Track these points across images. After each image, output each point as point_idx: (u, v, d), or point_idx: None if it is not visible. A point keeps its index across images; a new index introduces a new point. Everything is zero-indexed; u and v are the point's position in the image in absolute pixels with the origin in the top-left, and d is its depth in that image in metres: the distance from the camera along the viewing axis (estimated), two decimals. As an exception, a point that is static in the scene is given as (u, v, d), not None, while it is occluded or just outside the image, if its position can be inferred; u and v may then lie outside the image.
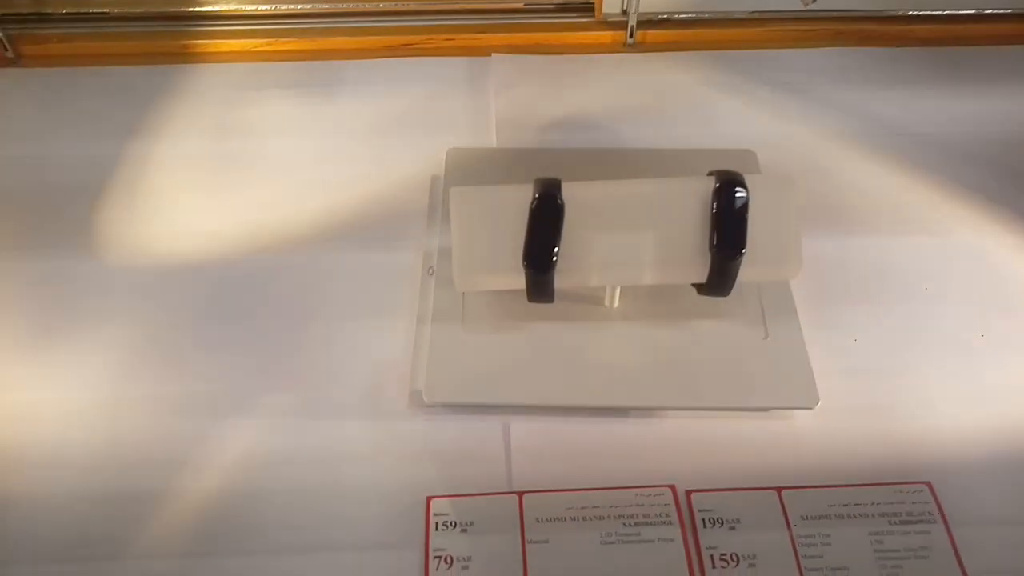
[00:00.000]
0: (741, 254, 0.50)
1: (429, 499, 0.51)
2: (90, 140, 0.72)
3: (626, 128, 0.73)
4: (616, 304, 0.58)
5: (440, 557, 0.49)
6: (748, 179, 0.51)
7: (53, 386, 0.56)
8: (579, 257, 0.52)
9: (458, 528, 0.50)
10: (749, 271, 0.51)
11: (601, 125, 0.74)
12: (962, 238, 0.65)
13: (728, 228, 0.50)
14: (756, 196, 0.51)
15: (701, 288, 0.53)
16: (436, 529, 0.50)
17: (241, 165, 0.70)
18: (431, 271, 0.61)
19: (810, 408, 0.54)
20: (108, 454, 0.53)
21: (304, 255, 0.64)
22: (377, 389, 0.56)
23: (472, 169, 0.67)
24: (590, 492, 0.52)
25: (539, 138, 0.73)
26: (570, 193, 0.52)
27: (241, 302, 0.61)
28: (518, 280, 0.52)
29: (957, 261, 0.64)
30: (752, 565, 0.49)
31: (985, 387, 0.56)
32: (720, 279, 0.51)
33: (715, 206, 0.50)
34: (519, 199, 0.52)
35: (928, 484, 0.52)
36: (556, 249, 0.51)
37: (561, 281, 0.52)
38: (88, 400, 0.56)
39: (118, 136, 0.72)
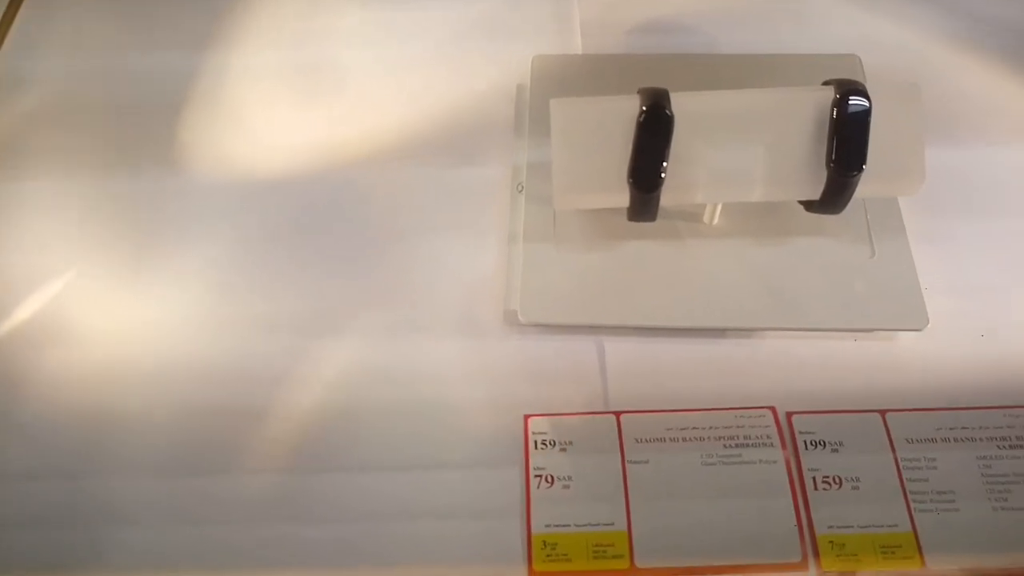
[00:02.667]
0: (860, 170, 0.47)
1: (527, 418, 0.51)
2: (167, 51, 0.71)
3: (719, 31, 0.69)
4: (716, 221, 0.56)
5: (541, 476, 0.49)
6: (870, 88, 0.48)
7: (152, 306, 0.57)
8: (686, 174, 0.49)
9: (557, 447, 0.50)
10: (866, 187, 0.48)
11: (691, 28, 0.70)
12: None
13: (848, 143, 0.47)
14: (878, 106, 0.47)
15: (811, 205, 0.51)
16: (535, 448, 0.50)
17: (320, 76, 0.68)
18: (520, 187, 0.60)
19: (919, 330, 0.52)
20: (209, 372, 0.54)
21: (387, 169, 0.62)
22: (470, 308, 0.56)
23: (559, 77, 0.64)
24: (689, 413, 0.51)
25: (626, 43, 0.69)
26: (678, 104, 0.49)
27: (326, 218, 0.60)
28: (621, 198, 0.50)
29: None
30: (855, 487, 0.48)
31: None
32: (836, 196, 0.49)
33: (834, 118, 0.47)
34: (625, 111, 0.49)
35: (1040, 408, 0.50)
36: (664, 166, 0.48)
37: (666, 199, 0.50)
38: (187, 318, 0.56)
39: (195, 47, 0.70)
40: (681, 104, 0.49)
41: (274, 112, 0.67)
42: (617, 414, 0.51)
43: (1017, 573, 0.46)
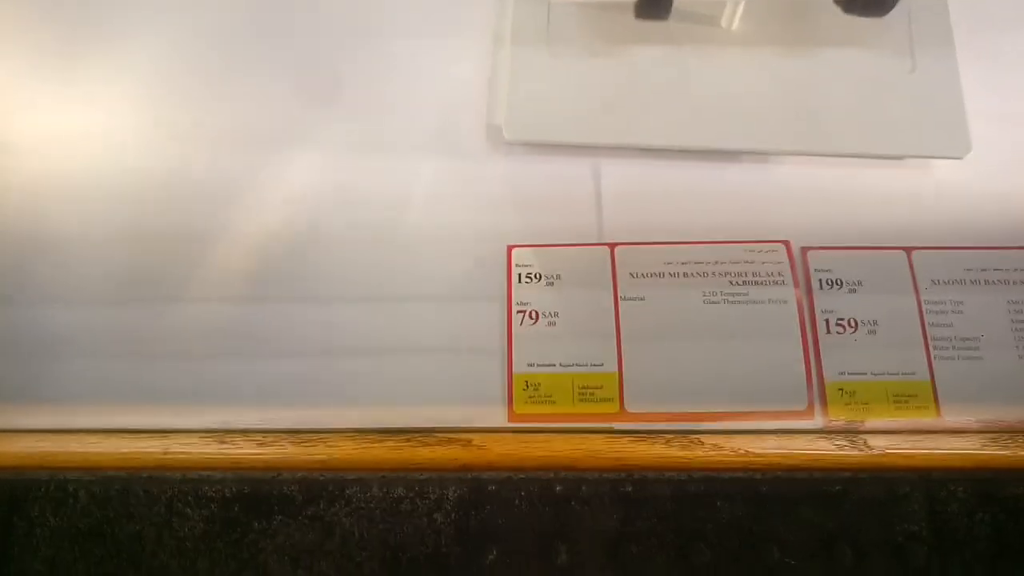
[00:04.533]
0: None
1: (511, 248, 0.46)
2: None
3: None
4: (736, 25, 0.48)
5: (524, 311, 0.44)
6: None
7: (90, 110, 0.49)
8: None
9: (543, 281, 0.45)
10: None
11: None
12: None
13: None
14: None
15: (851, 5, 0.43)
16: (519, 281, 0.45)
17: None
18: (509, -23, 0.51)
19: (959, 158, 0.45)
20: (154, 187, 0.47)
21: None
22: (451, 122, 0.49)
23: None
24: (692, 245, 0.46)
25: None
26: None
27: (288, 12, 0.52)
28: (628, -12, 0.42)
29: None
30: (872, 332, 0.44)
31: None
32: (883, -10, 0.41)
33: None
34: None
35: (1084, 249, 0.45)
36: (680, -53, 0.40)
37: (682, -11, 0.42)
38: (130, 125, 0.49)
39: None
40: None
41: None
42: (612, 246, 0.46)
43: (1039, 426, 0.42)
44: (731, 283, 0.45)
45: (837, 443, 0.41)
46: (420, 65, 0.50)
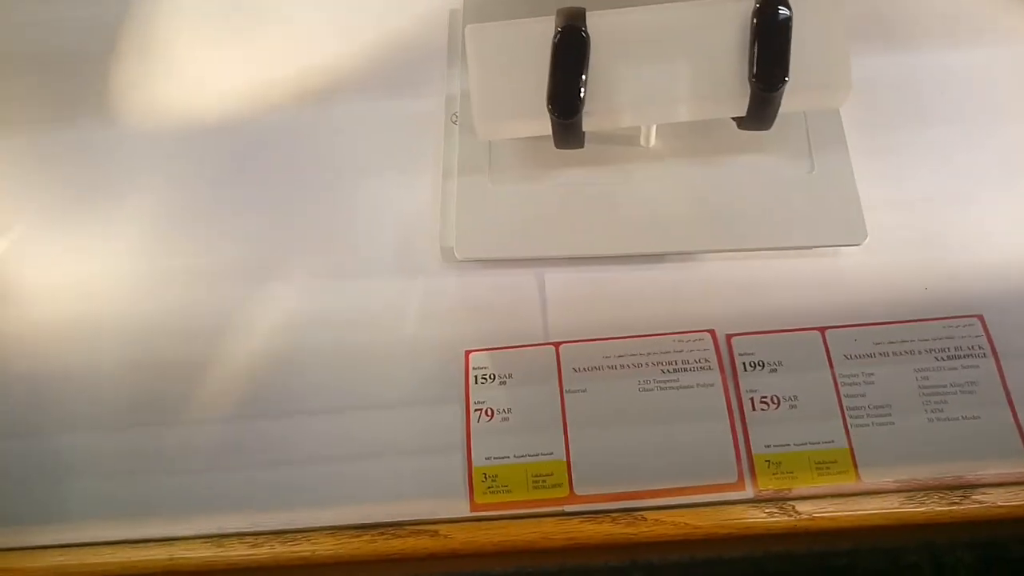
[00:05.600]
0: (782, 84, 0.46)
1: (467, 353, 0.51)
2: (92, 1, 0.68)
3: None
4: (653, 143, 0.55)
5: (481, 410, 0.50)
6: (792, -5, 0.46)
7: (89, 261, 0.57)
8: (609, 96, 0.48)
9: (497, 381, 0.50)
10: (792, 100, 0.47)
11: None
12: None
13: (768, 55, 0.45)
14: (800, 14, 0.46)
15: (741, 122, 0.50)
16: (475, 382, 0.50)
17: (250, 14, 0.66)
18: (454, 118, 0.58)
19: (857, 244, 0.51)
20: (149, 325, 0.54)
21: (322, 107, 0.61)
22: (407, 246, 0.55)
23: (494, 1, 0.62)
24: (627, 340, 0.51)
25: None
26: (596, 23, 0.47)
27: (260, 162, 0.59)
28: (544, 126, 0.49)
29: (1027, 72, 0.58)
30: (793, 406, 0.49)
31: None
32: (760, 112, 0.47)
33: (754, 30, 0.46)
34: (542, 33, 0.47)
35: (980, 317, 0.50)
36: (582, 90, 0.47)
37: (590, 124, 0.49)
38: (126, 272, 0.56)
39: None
40: (599, 23, 0.47)
41: (205, 54, 0.65)
42: (556, 344, 0.51)
43: (951, 482, 0.46)
44: (663, 371, 0.50)
45: (768, 511, 0.46)
46: (382, 198, 0.57)
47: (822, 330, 0.50)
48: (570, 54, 0.47)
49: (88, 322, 0.55)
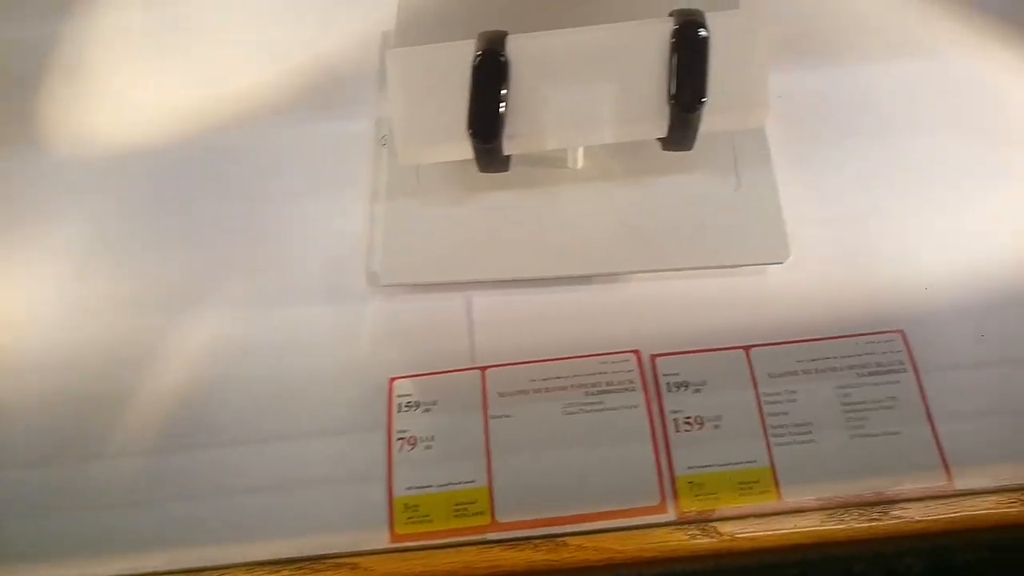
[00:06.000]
0: (701, 105, 0.46)
1: (392, 380, 0.51)
2: (20, 21, 0.67)
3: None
4: (580, 164, 0.55)
5: (403, 439, 0.49)
6: (709, 17, 0.46)
7: (12, 291, 0.56)
8: (531, 119, 0.48)
9: (421, 408, 0.50)
10: (712, 121, 0.47)
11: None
12: (956, 61, 0.59)
13: (687, 77, 0.45)
14: (718, 36, 0.46)
15: (664, 143, 0.50)
16: (399, 411, 0.50)
17: (182, 35, 0.66)
18: (384, 141, 0.58)
19: (780, 263, 0.51)
20: (73, 356, 0.53)
21: (253, 131, 0.60)
22: (335, 272, 0.55)
23: (426, 21, 0.61)
24: (553, 362, 0.51)
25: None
26: (517, 47, 0.47)
27: (189, 187, 0.59)
28: (466, 149, 0.48)
29: (951, 87, 0.58)
30: (717, 427, 0.49)
31: (967, 227, 0.53)
32: (680, 133, 0.47)
33: (671, 52, 0.45)
34: (462, 58, 0.47)
35: (901, 332, 0.50)
36: (502, 113, 0.47)
37: (513, 147, 0.49)
38: (51, 302, 0.55)
39: (50, 14, 0.67)
40: (521, 47, 0.47)
41: (134, 78, 0.64)
42: (483, 369, 0.51)
43: (871, 499, 0.46)
44: (587, 394, 0.50)
45: (690, 532, 0.46)
46: (311, 222, 0.57)
47: (747, 348, 0.51)
48: (489, 78, 0.46)
49: (9, 353, 0.54)
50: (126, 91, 0.63)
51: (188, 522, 0.48)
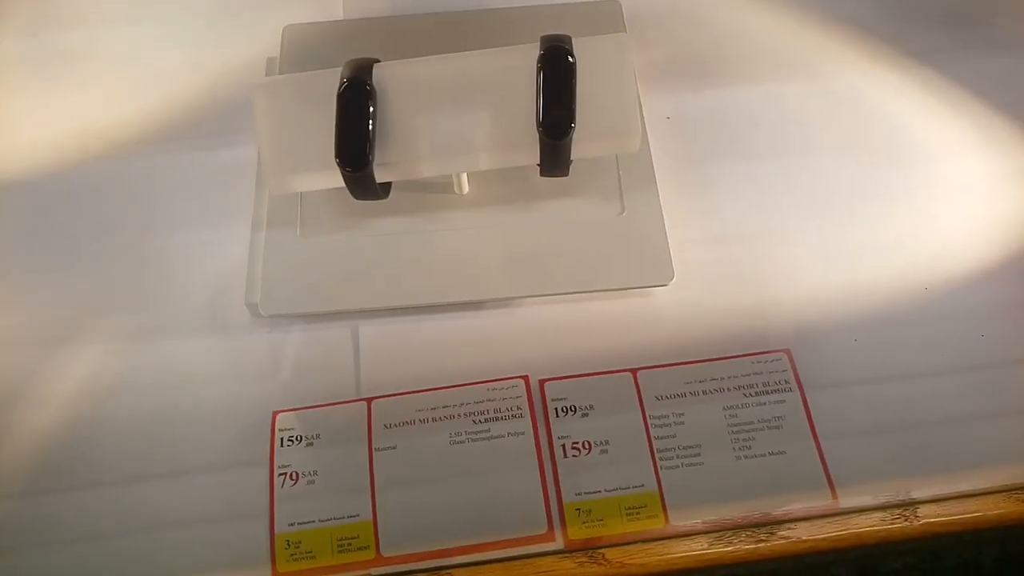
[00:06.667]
0: (569, 131, 0.46)
1: (275, 414, 0.50)
2: None
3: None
4: (466, 190, 0.54)
5: (285, 474, 0.48)
6: (577, 43, 0.46)
7: None
8: (402, 147, 0.47)
9: (304, 442, 0.49)
10: (583, 147, 0.47)
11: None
12: (841, 82, 0.61)
13: (552, 103, 0.45)
14: (586, 61, 0.46)
15: (540, 169, 0.49)
16: (281, 445, 0.49)
17: (65, 62, 0.64)
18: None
19: (664, 285, 0.51)
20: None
21: (136, 159, 0.59)
22: (218, 304, 0.53)
23: (312, 47, 0.61)
24: (440, 391, 0.50)
25: (391, 4, 0.66)
26: (385, 74, 0.47)
27: (69, 219, 0.57)
28: (336, 178, 0.47)
29: (834, 106, 0.60)
30: (604, 451, 0.48)
31: (850, 244, 0.54)
32: (552, 160, 0.47)
33: (539, 79, 0.45)
34: (329, 86, 0.47)
35: (787, 352, 0.51)
36: (368, 141, 0.46)
37: (387, 174, 0.48)
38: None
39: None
40: (389, 74, 0.46)
41: (17, 104, 0.62)
42: (368, 400, 0.50)
43: (758, 520, 0.46)
44: (474, 422, 0.49)
45: (578, 560, 0.45)
46: (193, 253, 0.55)
47: (634, 371, 0.50)
48: (354, 106, 0.46)
49: None
50: (5, 118, 0.61)
51: (60, 569, 0.46)
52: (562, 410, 0.49)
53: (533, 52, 0.46)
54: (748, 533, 0.46)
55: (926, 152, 0.58)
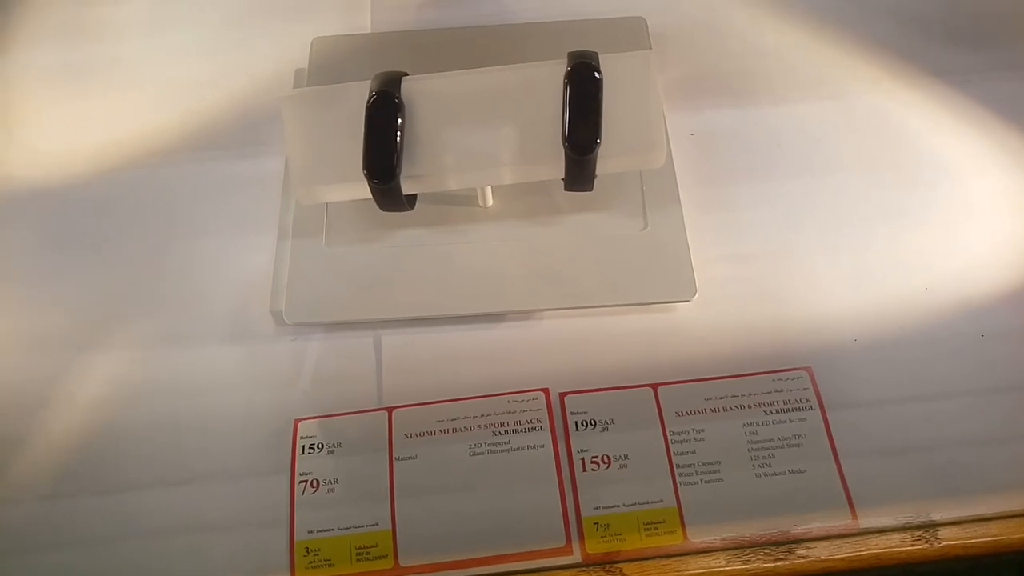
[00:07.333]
0: (595, 147, 0.46)
1: (297, 422, 0.50)
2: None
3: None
4: (490, 203, 0.55)
5: (306, 481, 0.48)
6: (603, 59, 0.47)
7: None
8: (429, 160, 0.48)
9: (325, 450, 0.49)
10: (608, 163, 0.47)
11: (485, -2, 0.68)
12: (861, 99, 0.61)
13: (578, 119, 0.46)
14: (611, 77, 0.46)
15: (567, 186, 0.50)
16: (303, 453, 0.49)
17: (94, 73, 0.65)
18: (296, 179, 0.57)
19: (687, 300, 0.51)
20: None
21: (163, 169, 0.60)
22: (242, 312, 0.54)
23: (341, 60, 0.62)
24: (461, 402, 0.50)
25: (418, 17, 0.67)
26: (414, 88, 0.47)
27: (99, 225, 0.58)
28: (364, 189, 0.48)
29: (856, 125, 0.60)
30: (623, 466, 0.48)
31: (873, 264, 0.54)
32: (577, 175, 0.48)
33: (565, 95, 0.46)
34: (358, 99, 0.47)
35: (808, 370, 0.51)
36: (396, 154, 0.47)
37: (413, 187, 0.49)
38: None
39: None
40: (417, 88, 0.47)
41: (48, 115, 0.63)
42: (390, 410, 0.50)
43: (777, 538, 0.46)
44: (494, 434, 0.49)
45: (596, 574, 0.45)
46: (221, 261, 0.56)
47: (654, 387, 0.50)
48: (383, 119, 0.46)
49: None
50: (36, 128, 0.62)
51: (84, 570, 0.46)
52: (582, 424, 0.49)
53: (560, 68, 0.47)
54: (767, 551, 0.46)
55: (949, 171, 0.58)
